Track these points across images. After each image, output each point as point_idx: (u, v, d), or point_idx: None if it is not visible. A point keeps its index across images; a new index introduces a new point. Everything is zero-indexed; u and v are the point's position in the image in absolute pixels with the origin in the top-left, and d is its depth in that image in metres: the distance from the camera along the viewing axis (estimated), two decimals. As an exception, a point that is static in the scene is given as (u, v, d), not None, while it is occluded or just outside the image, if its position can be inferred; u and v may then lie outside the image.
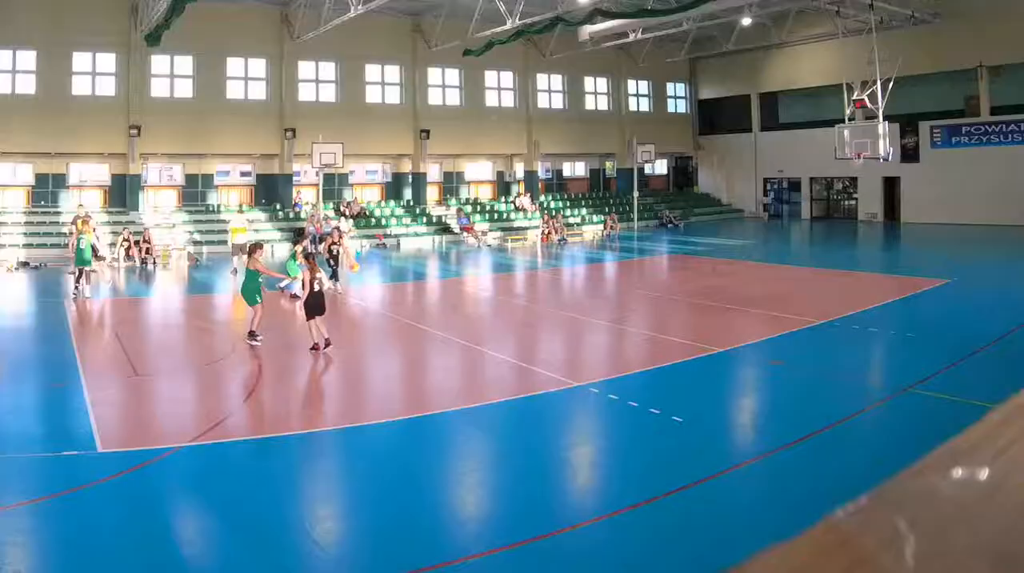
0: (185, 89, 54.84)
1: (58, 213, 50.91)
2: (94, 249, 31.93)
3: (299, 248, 30.31)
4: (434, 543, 10.70)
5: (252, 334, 22.10)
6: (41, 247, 44.01)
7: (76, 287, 30.49)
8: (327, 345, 21.19)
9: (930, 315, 27.53)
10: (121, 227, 46.17)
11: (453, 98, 64.23)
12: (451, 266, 46.13)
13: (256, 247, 23.73)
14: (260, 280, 23.35)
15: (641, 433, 15.14)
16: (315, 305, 21.28)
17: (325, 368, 20.67)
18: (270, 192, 58.33)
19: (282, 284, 30.41)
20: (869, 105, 46.87)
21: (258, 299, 22.78)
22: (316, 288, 21.28)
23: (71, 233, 36.54)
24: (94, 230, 35.04)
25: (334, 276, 31.72)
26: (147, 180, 55.53)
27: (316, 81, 59.18)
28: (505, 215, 62.74)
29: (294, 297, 28.47)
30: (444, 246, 55.52)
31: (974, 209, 57.42)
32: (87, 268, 30.62)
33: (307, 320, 21.43)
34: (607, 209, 65.50)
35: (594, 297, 33.95)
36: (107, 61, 52.51)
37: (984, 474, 1.53)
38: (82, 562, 10.06)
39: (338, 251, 32.36)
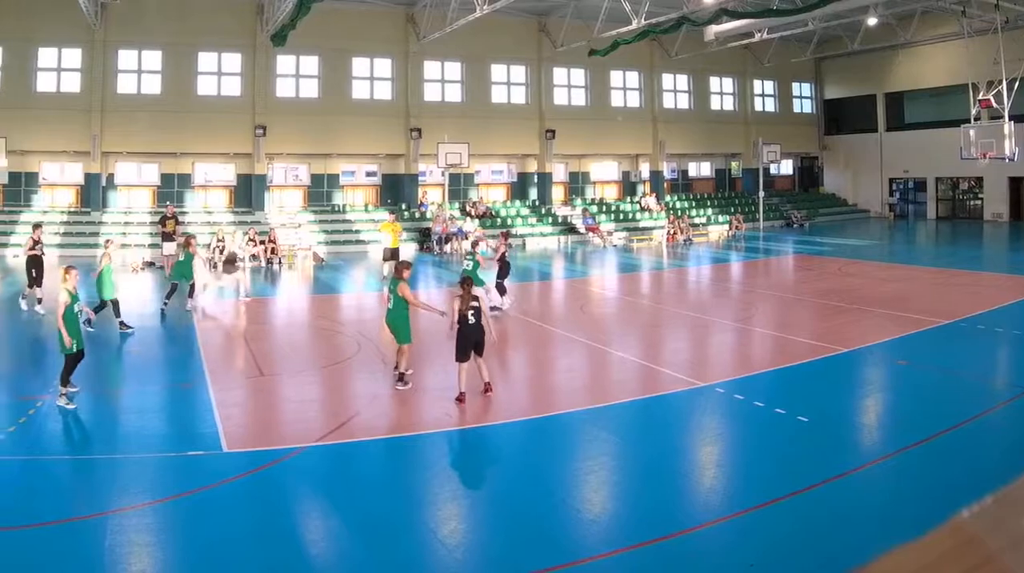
0: (310, 89, 52.24)
1: (184, 213, 48.00)
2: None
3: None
4: (559, 543, 10.34)
5: (401, 376, 17.74)
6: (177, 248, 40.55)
7: (166, 302, 27.02)
8: (488, 390, 16.87)
9: (1058, 315, 26.32)
10: (246, 227, 43.82)
11: (578, 98, 60.15)
12: (576, 266, 43.50)
13: (405, 267, 18.70)
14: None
15: (766, 433, 14.68)
16: (466, 344, 16.53)
17: (449, 368, 18.28)
18: (395, 192, 55.41)
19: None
20: (995, 105, 44.09)
21: (410, 337, 17.93)
22: (471, 319, 16.47)
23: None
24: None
25: (501, 290, 27.22)
26: (272, 180, 53.07)
27: (442, 81, 55.82)
28: (631, 215, 59.05)
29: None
30: (569, 246, 52.38)
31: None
32: (190, 282, 27.43)
33: (457, 361, 16.59)
34: (732, 209, 61.34)
35: (719, 297, 32.29)
36: (232, 61, 50.20)
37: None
38: (207, 562, 9.79)
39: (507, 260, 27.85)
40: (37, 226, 29.70)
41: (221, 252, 40.27)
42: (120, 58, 47.89)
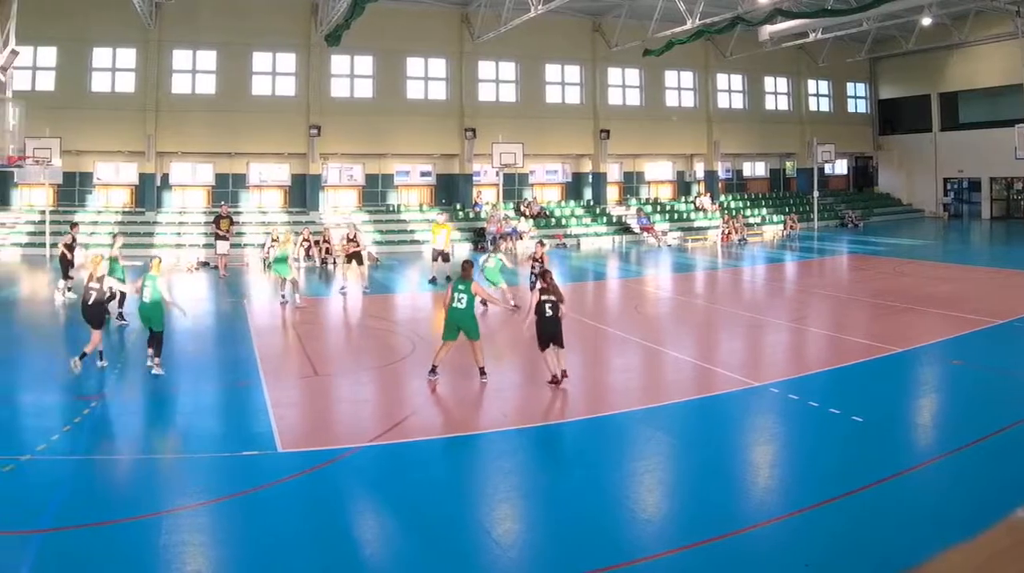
0: (365, 89, 50.64)
1: (238, 213, 46.88)
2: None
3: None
4: (615, 543, 10.02)
5: (482, 371, 17.34)
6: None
7: (283, 295, 27.80)
8: (563, 377, 16.99)
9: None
10: (301, 227, 41.86)
11: (633, 98, 57.77)
12: (631, 266, 42.18)
13: (470, 266, 18.22)
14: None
15: (821, 433, 14.35)
16: (543, 336, 16.94)
17: (505, 368, 18.93)
18: (450, 192, 53.62)
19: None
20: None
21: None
22: (548, 312, 16.84)
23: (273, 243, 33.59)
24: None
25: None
26: (327, 180, 51.50)
27: (496, 81, 53.86)
28: (685, 215, 57.02)
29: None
30: (624, 246, 50.58)
31: None
32: (287, 277, 27.39)
33: (541, 350, 17.08)
34: (787, 209, 58.88)
35: (773, 297, 31.74)
36: (287, 61, 48.85)
37: None
38: (261, 562, 9.60)
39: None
40: (74, 225, 29.51)
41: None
42: (175, 58, 46.82)
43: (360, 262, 31.18)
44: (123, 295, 23.65)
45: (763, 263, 41.50)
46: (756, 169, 66.66)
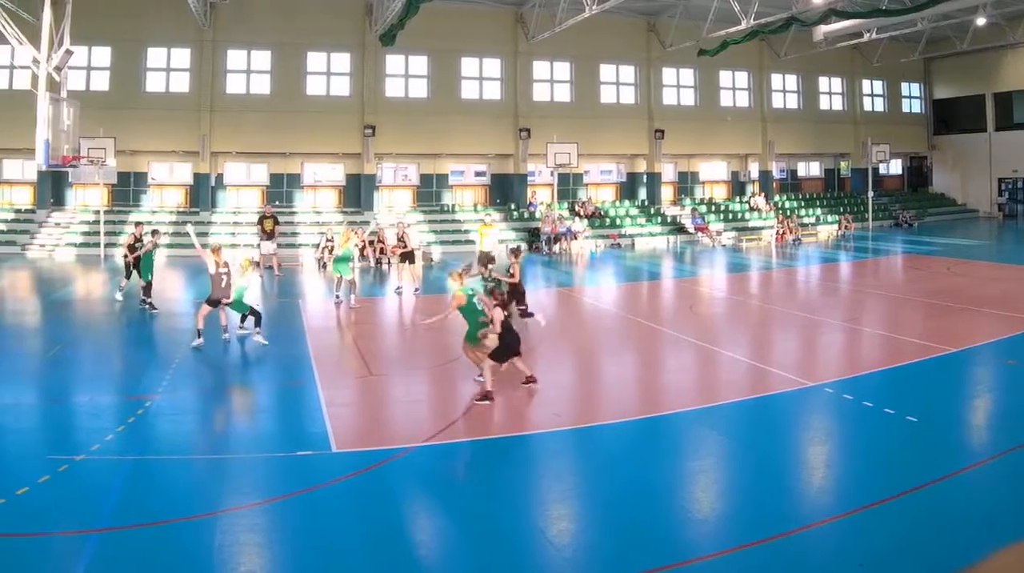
0: (419, 89, 48.92)
1: (293, 213, 45.92)
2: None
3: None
4: (669, 543, 9.72)
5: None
6: (277, 247, 37.65)
7: (353, 296, 26.97)
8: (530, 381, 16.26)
9: None
10: (356, 227, 39.39)
11: (687, 98, 55.57)
12: (685, 266, 40.42)
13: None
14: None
15: (876, 433, 13.71)
16: (510, 346, 15.86)
17: (559, 368, 18.65)
18: (504, 192, 51.76)
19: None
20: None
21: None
22: (504, 316, 15.91)
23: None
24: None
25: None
26: (381, 180, 49.76)
27: (551, 81, 51.79)
28: (740, 215, 54.67)
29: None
30: (678, 246, 48.54)
31: None
32: (346, 277, 26.64)
33: (496, 361, 15.75)
34: (841, 209, 57.10)
35: (828, 297, 30.35)
36: (341, 61, 47.35)
37: None
38: (316, 562, 9.23)
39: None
40: (138, 224, 28.50)
41: (330, 252, 37.38)
42: (229, 58, 45.58)
43: (411, 261, 29.94)
44: (149, 285, 24.99)
45: (817, 263, 40.14)
46: (810, 169, 64.25)
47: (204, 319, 19.93)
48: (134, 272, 26.48)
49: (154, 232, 27.07)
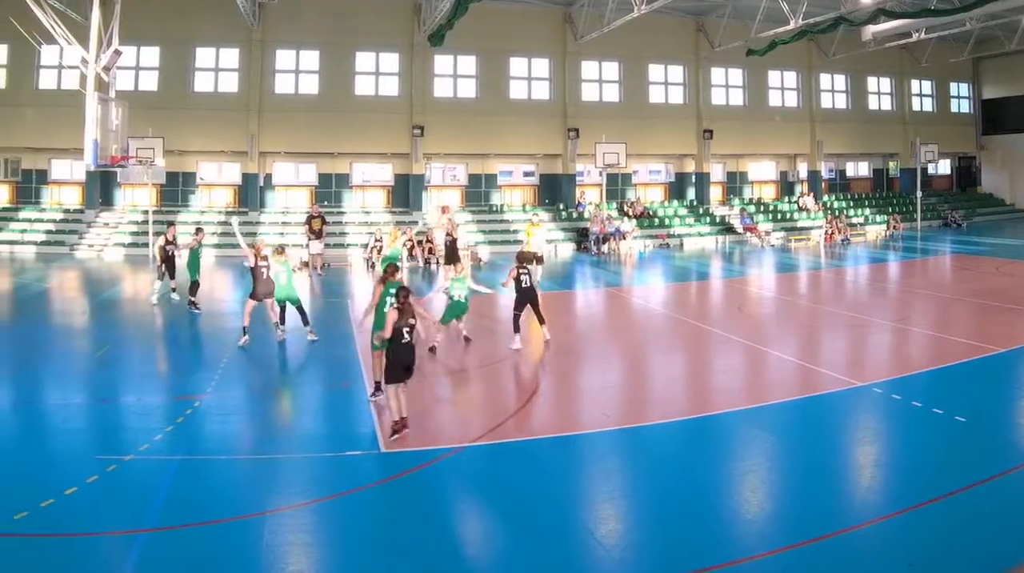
0: (468, 89, 47.44)
1: (341, 213, 44.66)
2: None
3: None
4: (717, 543, 9.42)
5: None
6: (325, 247, 36.91)
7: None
8: (400, 428, 13.02)
9: None
10: (404, 226, 38.93)
11: (736, 98, 53.63)
12: (734, 266, 39.37)
13: (395, 268, 16.55)
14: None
15: (924, 433, 13.47)
16: (401, 365, 13.04)
17: (607, 368, 18.32)
18: (553, 192, 50.02)
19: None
20: None
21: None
22: (405, 338, 12.96)
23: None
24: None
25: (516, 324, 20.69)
26: (430, 180, 48.26)
27: (599, 81, 49.99)
28: (788, 215, 52.68)
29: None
30: (727, 246, 47.29)
31: None
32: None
33: (386, 384, 13.44)
34: (890, 209, 54.68)
35: (876, 297, 29.68)
36: (390, 61, 45.94)
37: None
38: (365, 562, 9.10)
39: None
40: (171, 224, 28.44)
41: (379, 252, 36.19)
42: (277, 58, 44.34)
43: (456, 259, 28.81)
44: (196, 284, 24.58)
45: (866, 263, 39.13)
46: (859, 169, 61.92)
47: (250, 316, 19.55)
48: (165, 274, 26.23)
49: (197, 230, 26.55)
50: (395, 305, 13.10)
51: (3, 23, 32.18)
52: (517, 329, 19.91)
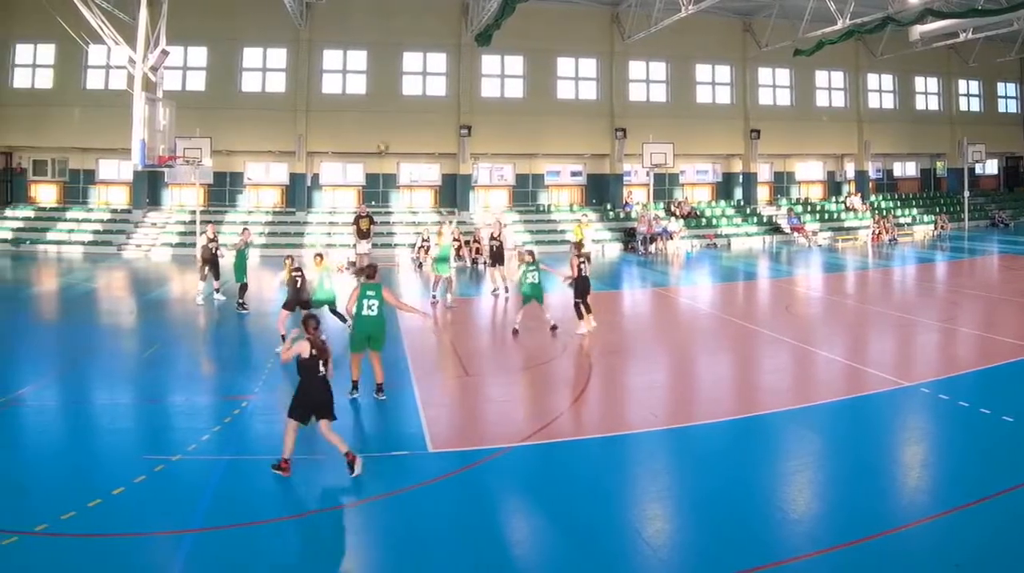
0: (515, 89, 45.94)
1: (389, 213, 43.28)
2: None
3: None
4: (764, 543, 9.11)
5: (380, 388, 14.93)
6: (372, 247, 35.78)
7: (450, 295, 26.21)
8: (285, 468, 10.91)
9: None
10: (451, 221, 36.63)
11: (783, 98, 51.77)
12: (781, 266, 38.16)
13: (374, 269, 15.48)
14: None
15: (971, 433, 12.87)
16: (311, 402, 11.04)
17: (655, 367, 17.87)
18: (600, 192, 48.37)
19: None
20: None
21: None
22: (321, 370, 11.01)
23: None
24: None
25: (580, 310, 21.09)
26: (477, 180, 46.78)
27: (647, 81, 48.24)
28: (835, 215, 50.74)
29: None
30: (774, 246, 45.75)
31: None
32: (444, 275, 25.76)
33: (288, 417, 11.07)
34: (937, 209, 52.97)
35: (924, 297, 28.99)
36: (437, 61, 44.54)
37: None
38: (413, 561, 8.80)
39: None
40: (210, 223, 28.49)
41: (427, 252, 35.59)
42: (325, 58, 43.09)
43: (501, 262, 27.53)
44: (244, 286, 23.94)
45: (913, 263, 38.10)
46: (906, 169, 59.65)
47: (284, 325, 18.75)
48: (209, 274, 25.77)
49: (243, 230, 25.76)
50: (306, 336, 11.09)
51: (51, 23, 31.27)
52: (581, 315, 20.09)
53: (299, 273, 19.07)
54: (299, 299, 18.83)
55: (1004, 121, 61.32)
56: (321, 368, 11.09)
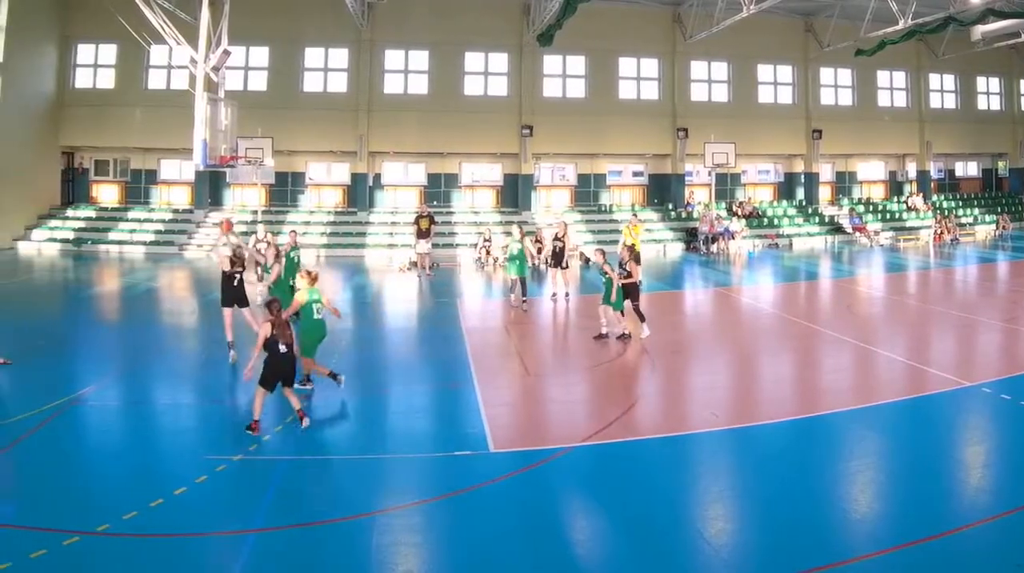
0: (577, 89, 43.84)
1: (450, 213, 41.40)
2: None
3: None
4: (826, 543, 8.83)
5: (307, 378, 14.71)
6: (433, 247, 34.01)
7: (513, 294, 25.35)
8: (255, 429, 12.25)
9: None
10: (512, 227, 36.47)
11: (845, 98, 49.48)
12: (843, 266, 36.86)
13: (313, 274, 14.78)
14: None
15: None
16: (277, 374, 12.30)
17: (716, 368, 17.21)
18: (662, 192, 46.33)
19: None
20: None
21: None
22: (283, 349, 12.23)
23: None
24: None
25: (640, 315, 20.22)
26: (539, 180, 44.66)
27: (708, 81, 46.05)
28: (897, 215, 48.41)
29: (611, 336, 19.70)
30: (836, 246, 43.88)
31: None
32: (519, 276, 24.67)
33: (259, 385, 12.31)
34: (999, 209, 50.19)
35: (986, 296, 27.90)
36: (499, 61, 42.65)
37: None
38: (474, 562, 8.62)
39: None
40: (263, 224, 27.87)
41: (488, 252, 34.39)
42: (387, 58, 41.30)
43: (564, 266, 26.11)
44: (292, 288, 21.73)
45: (975, 263, 36.75)
46: (968, 169, 56.52)
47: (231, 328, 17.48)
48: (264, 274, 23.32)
49: (290, 232, 24.55)
50: (268, 318, 12.18)
51: (112, 23, 30.15)
52: (642, 318, 19.36)
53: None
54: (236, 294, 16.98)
55: (1066, 121, 58.06)
56: (283, 347, 12.06)
